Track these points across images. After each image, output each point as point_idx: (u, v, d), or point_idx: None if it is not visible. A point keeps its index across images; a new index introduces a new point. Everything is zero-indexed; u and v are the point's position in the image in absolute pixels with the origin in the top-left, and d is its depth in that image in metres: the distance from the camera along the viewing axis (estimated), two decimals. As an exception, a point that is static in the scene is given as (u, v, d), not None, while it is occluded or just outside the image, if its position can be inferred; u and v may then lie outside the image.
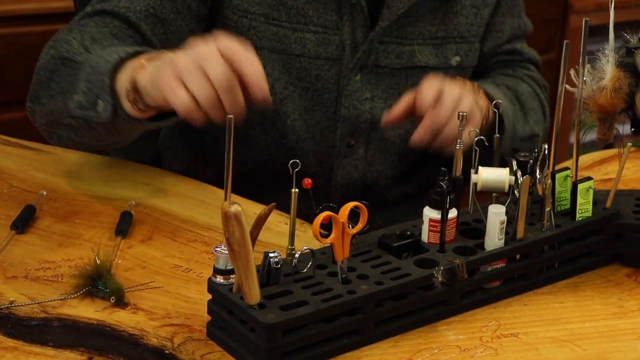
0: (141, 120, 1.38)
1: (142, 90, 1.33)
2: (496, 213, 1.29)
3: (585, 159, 1.72)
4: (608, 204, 1.41)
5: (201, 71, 1.26)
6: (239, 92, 1.28)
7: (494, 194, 1.36)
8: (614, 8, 1.39)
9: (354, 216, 1.23)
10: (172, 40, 1.55)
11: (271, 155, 1.64)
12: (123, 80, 1.34)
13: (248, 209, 1.47)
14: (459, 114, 1.33)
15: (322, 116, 1.62)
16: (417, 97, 1.51)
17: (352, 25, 1.58)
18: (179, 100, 1.27)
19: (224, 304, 1.20)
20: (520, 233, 1.32)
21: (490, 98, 1.57)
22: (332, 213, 1.20)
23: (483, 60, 1.74)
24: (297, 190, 1.22)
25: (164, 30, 1.53)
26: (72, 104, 1.39)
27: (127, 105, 1.35)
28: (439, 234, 1.30)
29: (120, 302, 1.27)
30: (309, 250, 1.23)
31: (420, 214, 1.31)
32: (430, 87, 1.51)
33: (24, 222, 1.42)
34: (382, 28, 1.59)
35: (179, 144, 1.74)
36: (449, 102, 1.48)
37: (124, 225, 1.42)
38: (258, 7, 1.56)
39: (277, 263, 1.20)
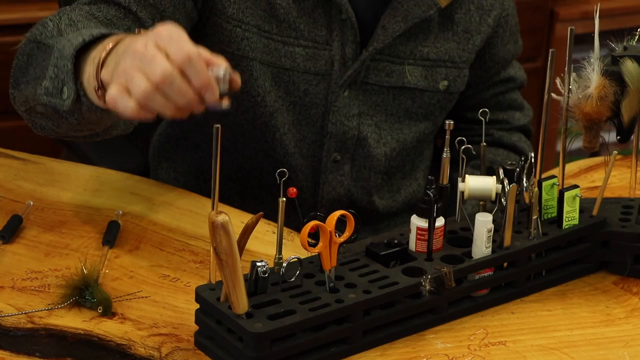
0: (109, 111, 1.28)
1: (107, 87, 1.23)
2: (483, 221, 1.29)
3: (572, 167, 1.73)
4: (595, 211, 1.41)
5: (138, 66, 1.16)
6: (178, 84, 1.16)
7: (481, 202, 1.36)
8: (599, 17, 1.39)
9: (341, 225, 1.23)
10: None
11: (259, 164, 1.64)
12: (89, 73, 1.27)
13: (235, 218, 1.47)
14: (445, 122, 1.33)
15: (309, 131, 1.62)
16: None
17: (341, 41, 1.58)
18: (109, 93, 1.18)
19: (211, 313, 1.20)
20: (507, 241, 1.32)
21: None
22: (319, 222, 1.20)
23: (481, 82, 1.75)
24: (284, 199, 1.22)
25: (162, 22, 1.51)
26: (40, 90, 1.32)
27: (97, 100, 1.27)
28: (426, 243, 1.30)
29: (108, 312, 1.27)
30: (296, 259, 1.23)
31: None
32: None
33: (11, 232, 1.42)
34: (376, 49, 1.59)
35: (167, 153, 1.73)
36: None
37: (111, 235, 1.42)
38: (251, 17, 1.55)
39: (264, 272, 1.20)
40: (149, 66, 1.15)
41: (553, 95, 1.35)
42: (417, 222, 1.30)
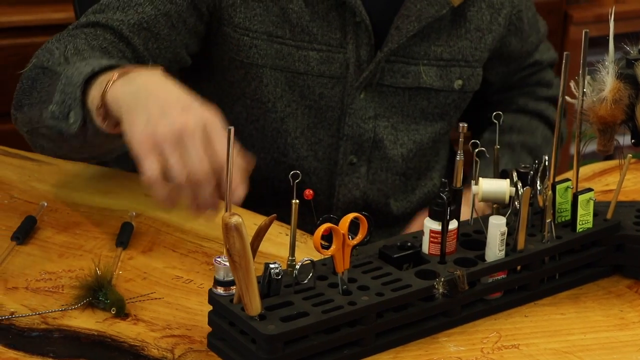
0: (114, 135, 1.33)
1: (110, 107, 1.29)
2: (497, 224, 1.29)
3: (586, 170, 1.72)
4: (609, 215, 1.41)
5: (181, 152, 1.22)
6: (210, 190, 1.23)
7: (494, 205, 1.36)
8: (614, 20, 1.39)
9: (354, 227, 1.23)
10: (165, 55, 1.55)
11: (270, 173, 1.64)
12: (94, 95, 1.32)
13: (249, 220, 1.47)
14: (459, 124, 1.33)
15: (325, 134, 1.62)
16: None
17: (356, 43, 1.58)
18: (150, 170, 1.23)
19: (224, 315, 1.20)
20: (520, 244, 1.32)
21: None
22: (332, 225, 1.20)
23: (510, 75, 1.75)
24: (297, 201, 1.22)
25: (157, 45, 1.53)
26: (47, 113, 1.36)
27: (99, 120, 1.32)
28: (439, 245, 1.30)
29: (121, 313, 1.27)
30: (309, 262, 1.23)
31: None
32: None
33: (25, 233, 1.42)
34: (390, 49, 1.59)
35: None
36: None
37: (125, 236, 1.42)
38: (260, 25, 1.56)
39: (277, 274, 1.20)
40: (194, 161, 1.22)
41: (567, 98, 1.35)
42: (431, 224, 1.30)
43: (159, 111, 1.24)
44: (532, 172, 1.35)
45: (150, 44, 1.52)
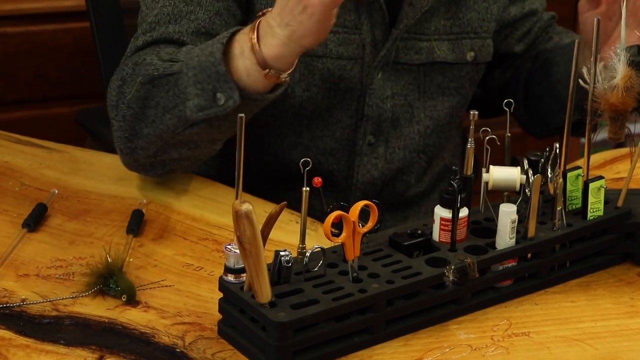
0: (264, 96, 1.41)
1: (277, 59, 1.38)
2: (507, 212, 1.29)
3: (597, 158, 1.72)
4: (619, 203, 1.41)
5: None
6: None
7: (505, 193, 1.36)
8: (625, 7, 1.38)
9: (364, 215, 1.23)
10: None
11: (286, 155, 1.64)
12: (244, 65, 1.38)
13: (259, 208, 1.47)
14: (469, 112, 1.33)
15: (343, 115, 1.62)
16: None
17: (370, 23, 1.59)
18: None
19: (235, 302, 1.20)
20: (531, 232, 1.32)
21: None
22: (342, 212, 1.20)
23: (535, 39, 1.77)
24: (307, 189, 1.22)
25: None
26: (189, 111, 1.40)
27: (268, 80, 1.39)
28: (450, 233, 1.30)
29: (132, 301, 1.27)
30: (319, 249, 1.23)
31: None
32: None
33: (36, 220, 1.43)
34: (406, 25, 1.60)
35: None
36: None
37: (135, 224, 1.42)
38: None
39: (288, 262, 1.20)
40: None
41: (585, 71, 1.34)
42: (441, 212, 1.30)
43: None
44: (542, 159, 1.35)
45: None
